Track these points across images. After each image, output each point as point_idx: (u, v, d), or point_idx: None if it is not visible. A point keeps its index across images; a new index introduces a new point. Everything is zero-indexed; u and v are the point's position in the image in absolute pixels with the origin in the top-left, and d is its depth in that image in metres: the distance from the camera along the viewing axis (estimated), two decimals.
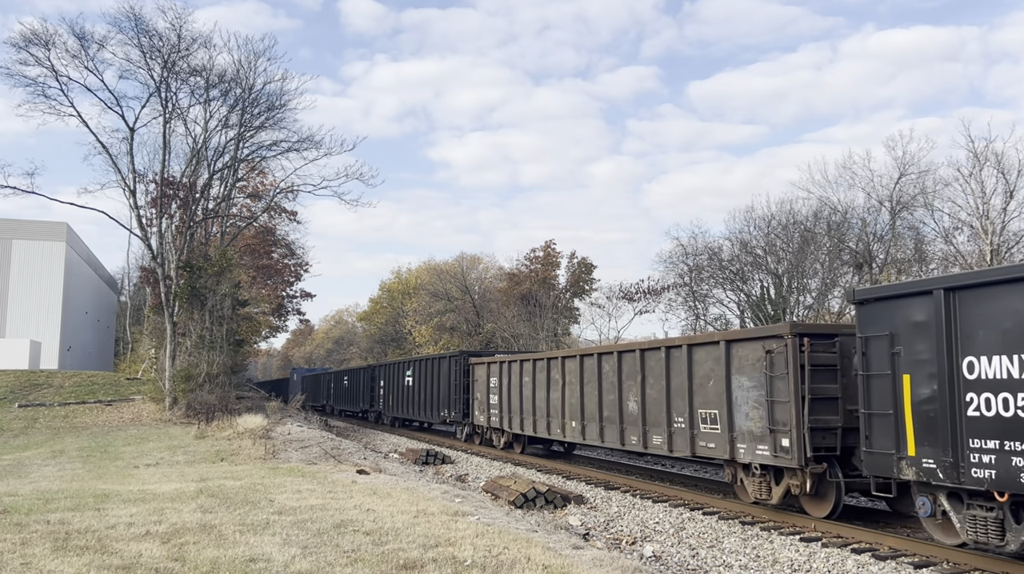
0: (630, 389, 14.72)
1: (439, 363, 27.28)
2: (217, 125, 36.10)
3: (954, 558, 9.11)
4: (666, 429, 13.56)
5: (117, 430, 27.14)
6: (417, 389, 29.65)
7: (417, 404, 29.79)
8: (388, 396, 34.08)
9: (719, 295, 39.48)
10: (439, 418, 27.22)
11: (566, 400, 17.49)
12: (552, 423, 18.19)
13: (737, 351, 12.00)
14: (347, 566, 7.45)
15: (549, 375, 18.33)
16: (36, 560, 7.57)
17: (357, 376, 41.03)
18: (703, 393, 12.70)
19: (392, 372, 33.45)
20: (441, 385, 26.68)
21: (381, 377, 35.39)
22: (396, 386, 32.65)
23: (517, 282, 51.51)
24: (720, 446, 12.31)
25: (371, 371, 37.74)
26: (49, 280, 47.82)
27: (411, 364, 30.88)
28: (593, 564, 7.90)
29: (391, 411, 33.72)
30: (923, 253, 34.07)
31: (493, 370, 21.87)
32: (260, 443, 20.77)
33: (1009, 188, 30.22)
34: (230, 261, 35.62)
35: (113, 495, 11.98)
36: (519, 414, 20.04)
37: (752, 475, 11.97)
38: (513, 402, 20.41)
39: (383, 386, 34.89)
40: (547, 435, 18.60)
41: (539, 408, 18.87)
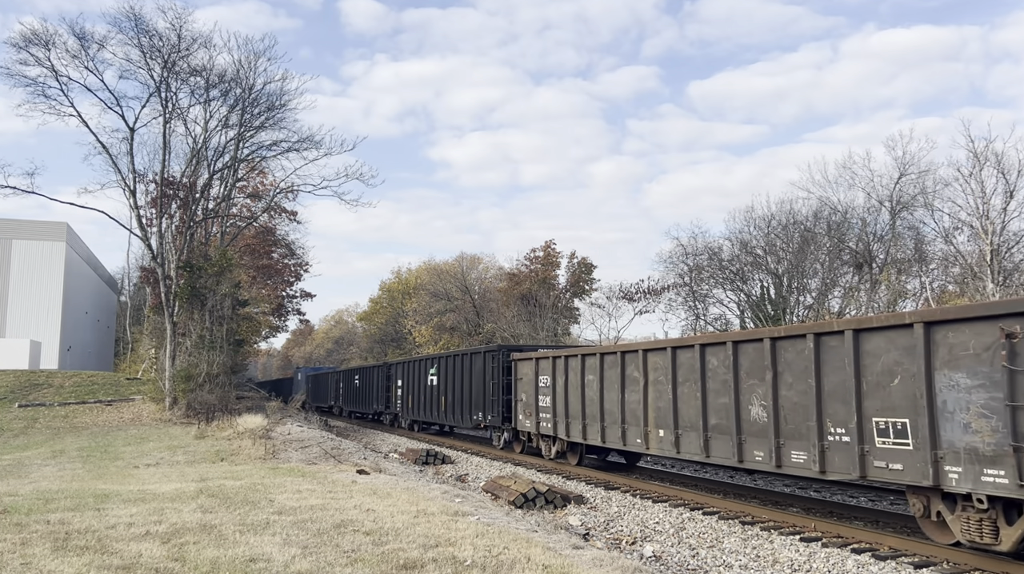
0: (752, 390, 11.78)
1: (471, 360, 23.96)
2: (217, 125, 36.17)
3: (954, 558, 9.10)
4: (815, 443, 10.37)
5: (117, 430, 27.14)
6: (443, 389, 26.35)
7: (443, 406, 26.52)
8: (407, 397, 30.94)
9: (719, 295, 39.55)
10: (471, 422, 23.81)
11: (649, 403, 14.12)
12: (629, 431, 14.85)
13: (946, 336, 8.75)
14: (347, 566, 7.45)
15: (623, 372, 14.97)
16: (36, 560, 7.57)
17: (370, 375, 37.64)
18: (881, 395, 9.56)
19: (412, 370, 30.28)
20: (474, 385, 23.43)
21: (399, 376, 32.20)
22: (417, 386, 29.49)
23: (517, 282, 51.53)
24: (913, 468, 9.05)
25: (386, 370, 34.45)
26: (49, 280, 47.84)
27: (436, 361, 27.56)
28: (593, 564, 7.90)
29: (410, 414, 30.62)
30: (923, 253, 34.10)
31: (544, 367, 18.48)
32: (260, 443, 20.77)
33: (1009, 188, 30.25)
34: (230, 261, 35.63)
35: (113, 495, 11.98)
36: (579, 419, 16.63)
37: (966, 509, 8.84)
38: (571, 405, 17.05)
39: (401, 386, 31.73)
40: (620, 446, 15.11)
41: (609, 413, 15.51)
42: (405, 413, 31.23)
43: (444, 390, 26.20)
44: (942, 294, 33.21)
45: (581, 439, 16.66)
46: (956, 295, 32.29)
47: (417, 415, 29.75)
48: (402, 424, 32.17)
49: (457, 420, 25.05)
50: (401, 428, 32.44)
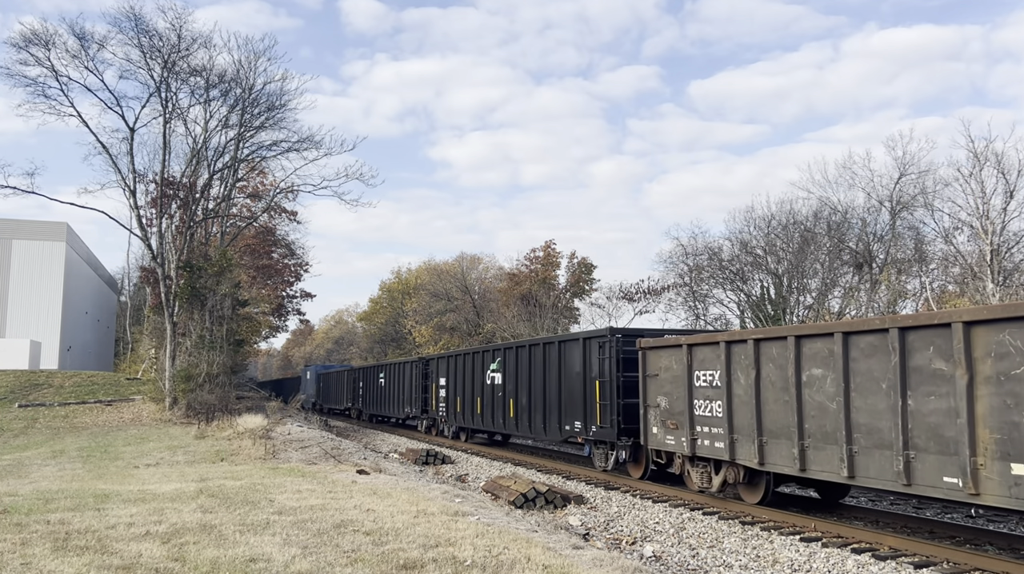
0: None
1: (563, 350, 18.08)
2: (217, 125, 36.19)
3: (954, 558, 9.11)
4: None
5: (117, 430, 27.14)
6: (512, 390, 20.81)
7: (511, 412, 20.76)
8: (453, 399, 25.49)
9: (719, 295, 39.54)
10: (559, 434, 18.20)
11: (980, 416, 8.29)
12: (923, 463, 8.89)
13: None
14: (347, 566, 7.45)
15: (904, 363, 9.14)
16: (36, 560, 7.57)
17: (399, 373, 32.22)
18: None
19: (462, 366, 24.77)
20: (565, 383, 17.80)
21: (441, 373, 26.95)
22: (469, 385, 24.12)
23: (517, 282, 51.54)
24: None
25: (422, 366, 29.25)
26: (49, 280, 47.86)
27: (499, 353, 22.00)
28: (593, 564, 7.89)
29: (458, 419, 25.11)
30: (923, 253, 34.09)
31: (707, 357, 12.63)
32: (260, 443, 20.78)
33: (1009, 188, 30.24)
34: (230, 261, 35.65)
35: (113, 495, 11.98)
36: (789, 438, 10.88)
37: None
38: (769, 414, 11.24)
39: (445, 385, 26.47)
40: (897, 482, 9.16)
41: (865, 429, 9.70)
42: (450, 418, 25.88)
43: (514, 391, 20.72)
44: (942, 294, 33.22)
45: (793, 468, 10.73)
46: (956, 295, 32.31)
47: (469, 421, 24.05)
48: (444, 432, 27.25)
49: (536, 430, 19.44)
50: (442, 436, 27.61)
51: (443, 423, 27.22)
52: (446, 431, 27.11)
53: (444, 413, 26.61)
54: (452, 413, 25.69)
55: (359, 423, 39.91)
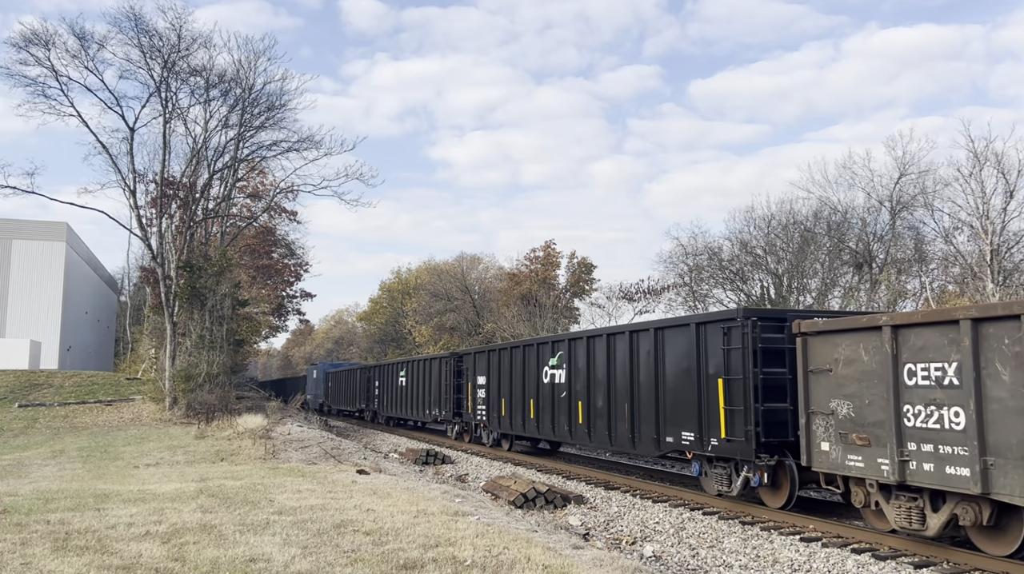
0: None
1: (658, 340, 14.27)
2: (217, 125, 36.20)
3: (954, 558, 9.11)
4: None
5: (117, 430, 27.15)
6: (579, 390, 16.95)
7: (576, 416, 17.00)
8: (497, 401, 21.46)
9: (719, 295, 39.52)
10: (657, 447, 14.24)
11: None
12: None
13: None
14: (347, 566, 7.45)
15: None
16: (36, 560, 7.57)
17: (425, 371, 28.47)
18: None
19: (507, 362, 20.87)
20: (667, 382, 14.00)
21: (479, 370, 22.97)
22: (519, 385, 20.10)
23: (517, 282, 51.56)
24: None
25: (454, 363, 25.60)
26: (49, 280, 47.86)
27: (560, 345, 17.92)
28: (593, 564, 7.90)
29: (503, 425, 21.14)
30: (923, 253, 34.10)
31: (925, 343, 9.18)
32: (260, 443, 20.78)
33: (1009, 188, 30.25)
34: (230, 261, 35.66)
35: (113, 495, 11.98)
36: None
37: None
38: (1005, 426, 8.26)
39: (485, 384, 22.41)
40: None
41: None
42: (492, 423, 21.96)
43: (584, 392, 16.68)
44: (942, 294, 33.21)
45: None
46: (956, 295, 32.31)
47: (519, 427, 20.15)
48: (483, 439, 23.57)
49: (618, 441, 15.46)
50: (478, 443, 24.20)
51: (481, 429, 23.47)
52: (485, 438, 23.39)
53: (483, 417, 22.57)
54: (494, 417, 21.68)
55: (359, 423, 39.87)
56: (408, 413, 31.05)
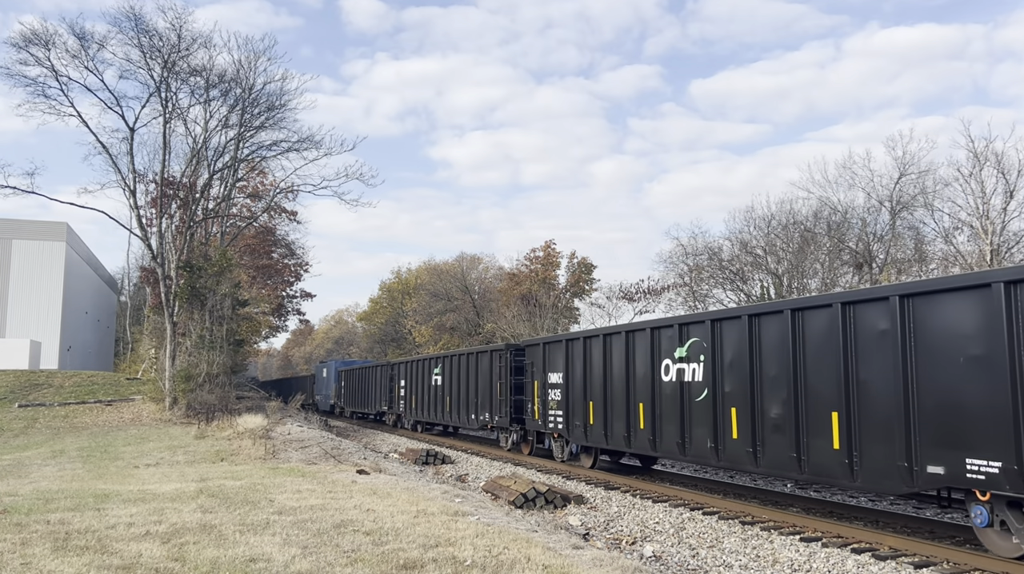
0: None
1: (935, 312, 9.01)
2: (217, 125, 36.22)
3: (954, 558, 9.11)
4: None
5: (117, 430, 27.15)
6: (736, 392, 12.25)
7: (729, 429, 12.32)
8: (582, 404, 16.85)
9: (719, 295, 39.52)
10: (916, 478, 9.15)
11: None
12: None
13: None
14: (347, 566, 7.45)
15: None
16: (36, 560, 7.57)
17: (470, 368, 24.05)
18: None
19: (596, 354, 16.39)
20: (941, 382, 8.93)
21: (553, 365, 18.37)
22: (619, 384, 15.44)
23: (517, 282, 51.58)
24: None
25: (513, 356, 21.22)
26: (49, 280, 47.87)
27: (698, 329, 13.26)
28: (593, 564, 7.90)
29: (591, 435, 16.55)
30: (923, 253, 34.10)
31: None
32: (260, 443, 20.78)
33: (1009, 188, 30.27)
34: (230, 261, 35.66)
35: (113, 495, 11.98)
36: None
37: None
38: None
39: (564, 384, 17.73)
40: None
41: None
42: (574, 432, 17.34)
43: (743, 396, 12.03)
44: None
45: None
46: None
47: (619, 440, 15.46)
48: (555, 453, 18.96)
49: (818, 466, 10.63)
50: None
51: (553, 439, 19.04)
52: (557, 451, 18.84)
53: (559, 424, 18.00)
54: (576, 426, 17.15)
55: (359, 423, 39.85)
56: (443, 417, 26.51)
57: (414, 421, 31.03)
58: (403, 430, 32.33)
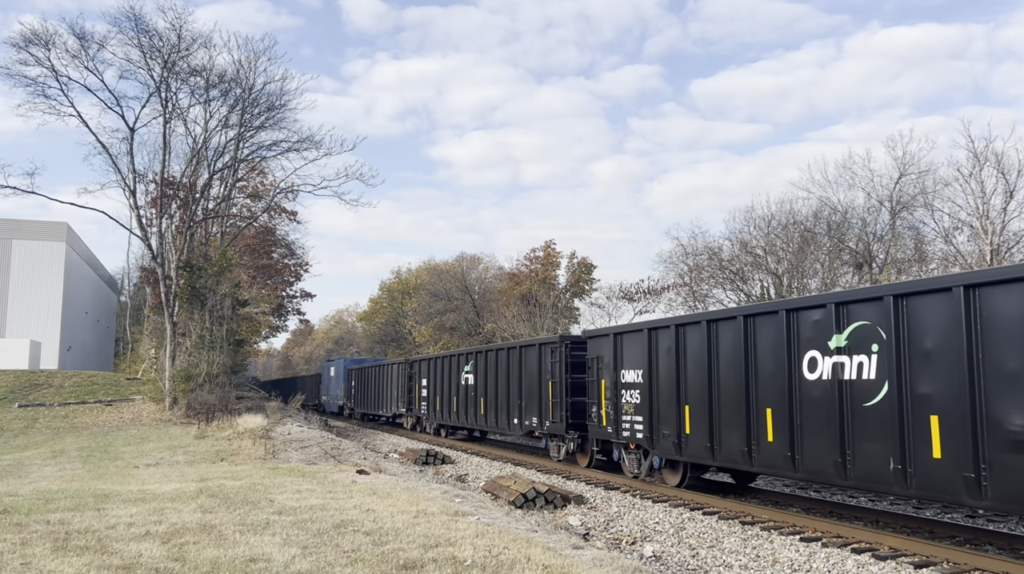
0: None
1: None
2: (217, 125, 36.21)
3: (954, 558, 9.11)
4: None
5: (117, 430, 27.14)
6: (926, 398, 9.18)
7: (934, 446, 9.02)
8: (672, 407, 13.85)
9: (719, 295, 39.53)
10: None
11: None
12: None
13: None
14: (347, 566, 7.45)
15: None
16: (36, 560, 7.57)
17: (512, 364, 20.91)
18: None
19: (694, 343, 13.43)
20: None
21: (629, 361, 15.24)
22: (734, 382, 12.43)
23: (517, 282, 51.60)
24: None
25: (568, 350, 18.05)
26: (49, 280, 47.88)
27: (854, 308, 10.34)
28: (593, 564, 7.90)
29: (688, 447, 13.50)
30: (923, 253, 34.10)
31: None
32: (260, 443, 20.77)
33: (1009, 188, 30.28)
34: (230, 261, 35.65)
35: (113, 495, 11.98)
36: None
37: None
38: None
39: (644, 383, 14.66)
40: None
41: None
42: (659, 441, 14.22)
43: None
44: None
45: None
46: None
47: (744, 455, 12.13)
48: (629, 466, 15.61)
49: None
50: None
51: (629, 450, 15.51)
52: (631, 465, 15.47)
53: (639, 432, 14.73)
54: (664, 435, 13.99)
55: (359, 423, 39.84)
56: (475, 421, 23.51)
57: (437, 425, 28.17)
58: (423, 434, 29.56)
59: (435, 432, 28.61)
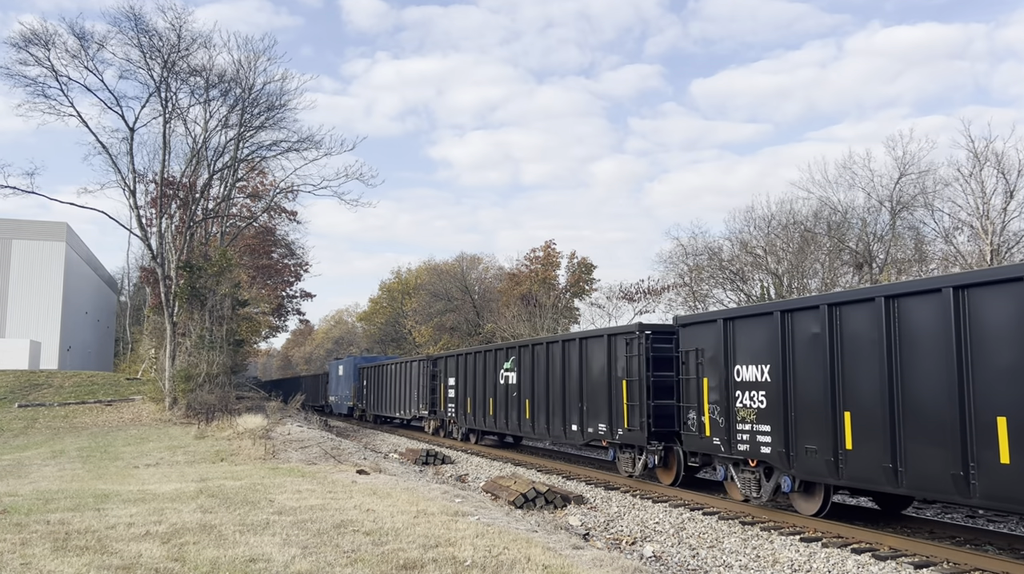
0: None
1: None
2: (217, 125, 36.22)
3: (954, 558, 9.11)
4: None
5: (117, 430, 27.14)
6: None
7: None
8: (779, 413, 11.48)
9: (719, 295, 39.53)
10: None
11: None
12: None
13: None
14: (347, 566, 7.45)
15: None
16: (36, 560, 7.57)
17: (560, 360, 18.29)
18: None
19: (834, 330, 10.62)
20: None
21: (744, 354, 12.39)
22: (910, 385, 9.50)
23: (517, 282, 51.60)
24: None
25: (644, 343, 14.94)
26: (49, 280, 47.88)
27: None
28: (593, 564, 7.90)
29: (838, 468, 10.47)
30: (923, 253, 34.10)
31: None
32: (260, 443, 20.77)
33: (1009, 188, 30.28)
34: (230, 261, 35.65)
35: (113, 495, 11.98)
36: None
37: None
38: None
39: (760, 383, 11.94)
40: None
41: None
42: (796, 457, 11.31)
43: None
44: None
45: None
46: None
47: (943, 483, 9.04)
48: (743, 491, 12.69)
49: None
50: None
51: (745, 468, 12.57)
52: (746, 487, 12.58)
53: (768, 446, 11.74)
54: (812, 452, 10.97)
55: (359, 423, 39.80)
56: (518, 426, 20.61)
57: (467, 429, 25.24)
58: (450, 439, 26.63)
59: (463, 437, 25.63)
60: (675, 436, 14.31)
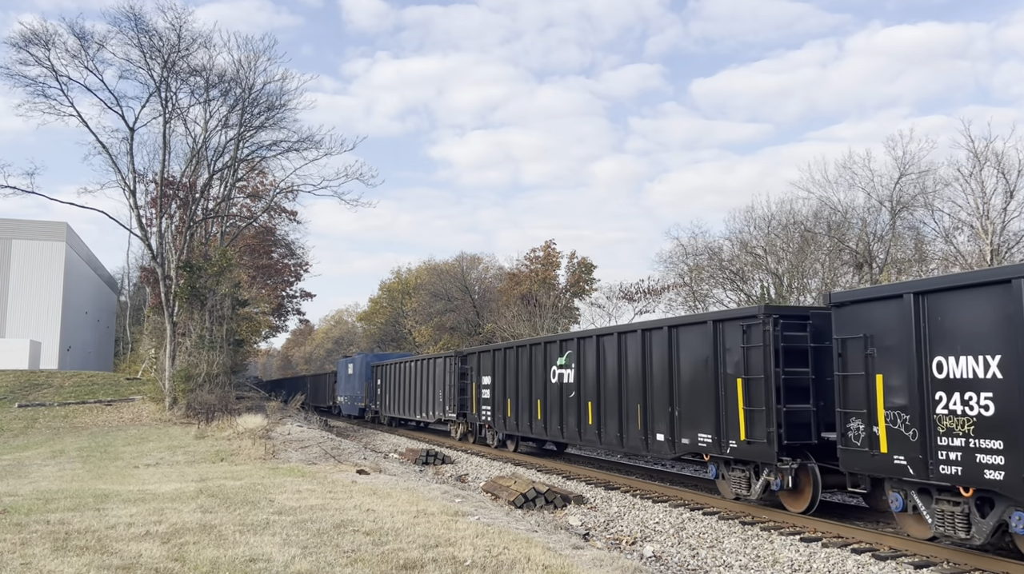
0: None
1: None
2: (217, 125, 36.23)
3: (954, 558, 9.11)
4: None
5: (117, 430, 27.15)
6: None
7: None
8: None
9: (719, 295, 39.54)
10: None
11: None
12: None
13: None
14: (347, 566, 7.45)
15: None
16: (36, 560, 7.57)
17: (637, 352, 15.06)
18: None
19: None
20: None
21: (927, 342, 9.20)
22: None
23: (517, 282, 51.61)
24: None
25: (772, 330, 11.65)
26: (49, 280, 47.88)
27: None
28: (593, 564, 7.90)
29: None
30: (923, 253, 34.10)
31: None
32: (260, 443, 20.77)
33: (1009, 188, 30.26)
34: (230, 261, 35.66)
35: (113, 495, 11.98)
36: None
37: None
38: None
39: (986, 381, 8.49)
40: None
41: None
42: None
43: None
44: None
45: None
46: None
47: None
48: (935, 528, 9.30)
49: None
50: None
51: (929, 498, 9.46)
52: (934, 520, 9.35)
53: (998, 461, 8.37)
54: None
55: (359, 423, 39.79)
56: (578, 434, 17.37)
57: (506, 435, 22.21)
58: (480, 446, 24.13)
59: (501, 443, 22.84)
60: (808, 450, 11.62)
